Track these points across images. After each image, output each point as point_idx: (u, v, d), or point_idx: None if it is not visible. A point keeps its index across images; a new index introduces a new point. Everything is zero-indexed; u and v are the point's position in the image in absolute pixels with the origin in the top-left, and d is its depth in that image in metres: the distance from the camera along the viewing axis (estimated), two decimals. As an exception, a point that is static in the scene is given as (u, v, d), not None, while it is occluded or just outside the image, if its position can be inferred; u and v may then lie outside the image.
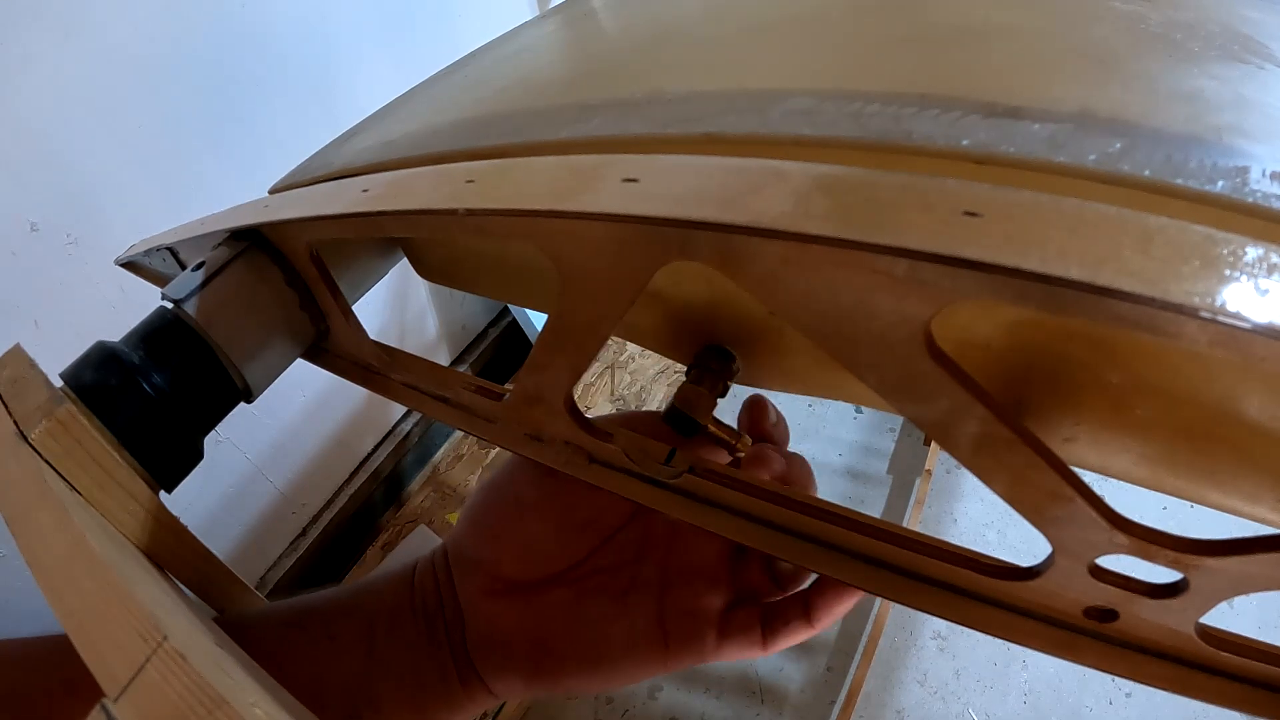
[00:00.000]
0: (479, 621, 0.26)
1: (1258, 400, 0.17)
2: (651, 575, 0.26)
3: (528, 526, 0.26)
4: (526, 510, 0.26)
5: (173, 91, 0.70)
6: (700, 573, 0.26)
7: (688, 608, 0.25)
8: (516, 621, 0.26)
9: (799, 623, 0.24)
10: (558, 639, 0.26)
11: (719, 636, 0.25)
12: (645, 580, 0.26)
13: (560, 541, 0.27)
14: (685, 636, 0.25)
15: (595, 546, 0.27)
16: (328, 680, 0.25)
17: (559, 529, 0.26)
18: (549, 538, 0.26)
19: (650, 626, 0.25)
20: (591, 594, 0.26)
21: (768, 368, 0.27)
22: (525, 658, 0.26)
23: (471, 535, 0.27)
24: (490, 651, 0.26)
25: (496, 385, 0.26)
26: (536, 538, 0.26)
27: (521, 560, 0.27)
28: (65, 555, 0.16)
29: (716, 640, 0.25)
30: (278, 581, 1.01)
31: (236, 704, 0.12)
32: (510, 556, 0.27)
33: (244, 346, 0.25)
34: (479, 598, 0.26)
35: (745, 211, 0.14)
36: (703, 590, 0.26)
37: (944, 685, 1.02)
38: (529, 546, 0.26)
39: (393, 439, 1.15)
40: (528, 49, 0.35)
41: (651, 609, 0.26)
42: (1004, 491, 0.16)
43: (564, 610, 0.26)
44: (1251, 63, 0.19)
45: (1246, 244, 0.11)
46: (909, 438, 1.29)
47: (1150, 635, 0.17)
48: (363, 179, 0.24)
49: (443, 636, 0.26)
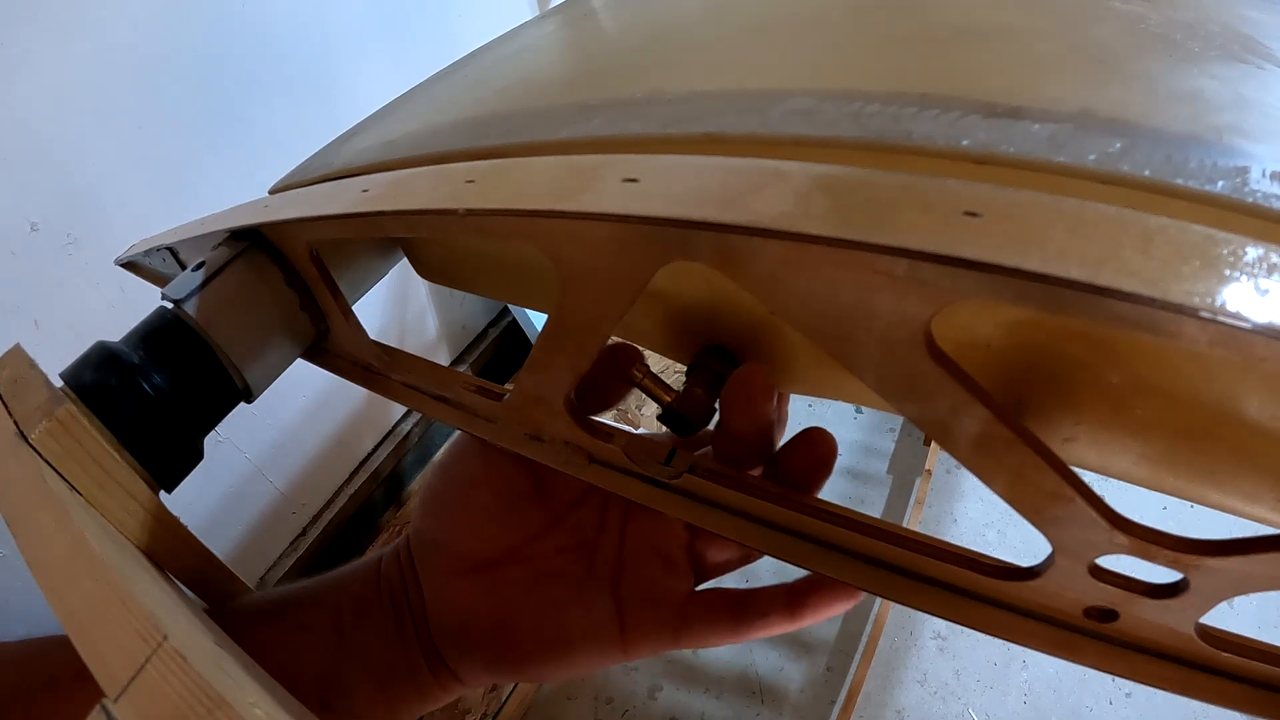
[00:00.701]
0: (441, 604, 0.26)
1: (1258, 400, 0.17)
2: (609, 557, 0.26)
3: (477, 499, 0.27)
4: (476, 485, 0.27)
5: (173, 92, 0.70)
6: (657, 553, 0.26)
7: (645, 594, 0.25)
8: (476, 601, 0.26)
9: (778, 615, 0.24)
10: (517, 620, 0.26)
11: (678, 624, 0.25)
12: (602, 563, 0.26)
13: (507, 511, 0.27)
14: (641, 622, 0.25)
15: (549, 522, 0.27)
16: (300, 670, 0.25)
17: (502, 498, 0.27)
18: (495, 508, 0.27)
19: (606, 614, 0.25)
20: (549, 576, 0.26)
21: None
22: (486, 640, 0.26)
23: (427, 517, 0.28)
24: (454, 636, 0.26)
25: (496, 385, 0.26)
26: (484, 508, 0.27)
27: (474, 534, 0.27)
28: (65, 555, 0.16)
29: (675, 629, 0.25)
30: (277, 581, 1.01)
31: (236, 704, 0.12)
32: (464, 533, 0.27)
33: (244, 347, 0.25)
34: (440, 579, 0.27)
35: (745, 211, 0.14)
36: (659, 572, 0.25)
37: (944, 685, 1.02)
38: (478, 519, 0.27)
39: (393, 439, 1.15)
40: (528, 49, 0.35)
41: (608, 595, 0.26)
42: (1004, 491, 0.16)
43: (522, 591, 0.26)
44: (1251, 63, 0.19)
45: (1246, 244, 0.11)
46: (909, 438, 1.29)
47: (1150, 635, 0.17)
48: (363, 179, 0.24)
49: (409, 623, 0.26)
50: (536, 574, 0.26)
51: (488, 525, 0.27)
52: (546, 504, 0.27)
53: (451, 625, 0.26)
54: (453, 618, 0.26)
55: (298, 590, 0.27)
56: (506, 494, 0.27)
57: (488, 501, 0.27)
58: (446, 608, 0.26)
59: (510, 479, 0.27)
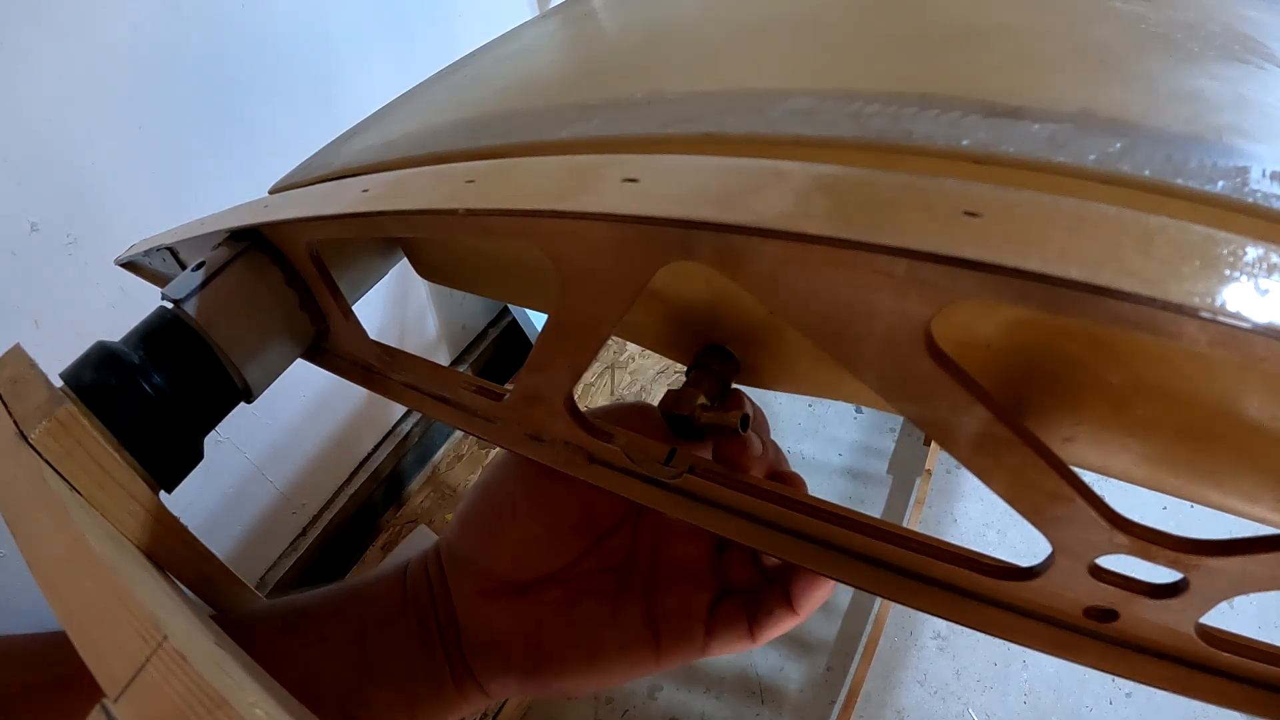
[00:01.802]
0: (474, 622, 0.26)
1: (1258, 400, 0.17)
2: (641, 576, 0.27)
3: (521, 527, 0.27)
4: (520, 512, 0.27)
5: (173, 92, 0.70)
6: (686, 572, 0.26)
7: (676, 608, 0.26)
8: (512, 623, 0.26)
9: (783, 611, 0.24)
10: (553, 640, 0.26)
11: (707, 633, 0.25)
12: (635, 582, 0.27)
13: (552, 543, 0.27)
14: (675, 635, 0.25)
15: (587, 548, 0.27)
16: (321, 683, 0.25)
17: (551, 530, 0.26)
18: (541, 539, 0.26)
19: (641, 627, 0.26)
20: (584, 595, 0.26)
21: (768, 368, 0.27)
22: (521, 659, 0.26)
23: (465, 536, 0.27)
24: (486, 652, 0.26)
25: (496, 385, 0.26)
26: (529, 539, 0.26)
27: (515, 561, 0.27)
28: (65, 555, 0.16)
29: (705, 637, 0.25)
30: (278, 581, 1.01)
31: (236, 704, 0.12)
32: (504, 558, 0.27)
33: (244, 346, 0.25)
34: (473, 598, 0.26)
35: (745, 211, 0.14)
36: (689, 589, 0.26)
37: (944, 685, 1.02)
38: (522, 548, 0.27)
39: (393, 439, 1.15)
40: (528, 49, 0.35)
41: (641, 610, 0.26)
42: (1004, 491, 0.16)
43: (558, 611, 0.26)
44: (1251, 63, 0.19)
45: (1246, 244, 0.11)
46: (909, 438, 1.29)
47: (1150, 635, 0.17)
48: (363, 179, 0.24)
49: (435, 636, 0.26)
50: (573, 594, 0.26)
51: (531, 554, 0.27)
52: (588, 531, 0.27)
53: (484, 642, 0.26)
54: (485, 635, 0.26)
55: (314, 600, 0.27)
56: (556, 527, 0.27)
57: (537, 533, 0.26)
58: (479, 625, 0.26)
59: (562, 512, 0.26)
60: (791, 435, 1.31)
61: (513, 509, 0.27)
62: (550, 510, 0.26)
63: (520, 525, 0.27)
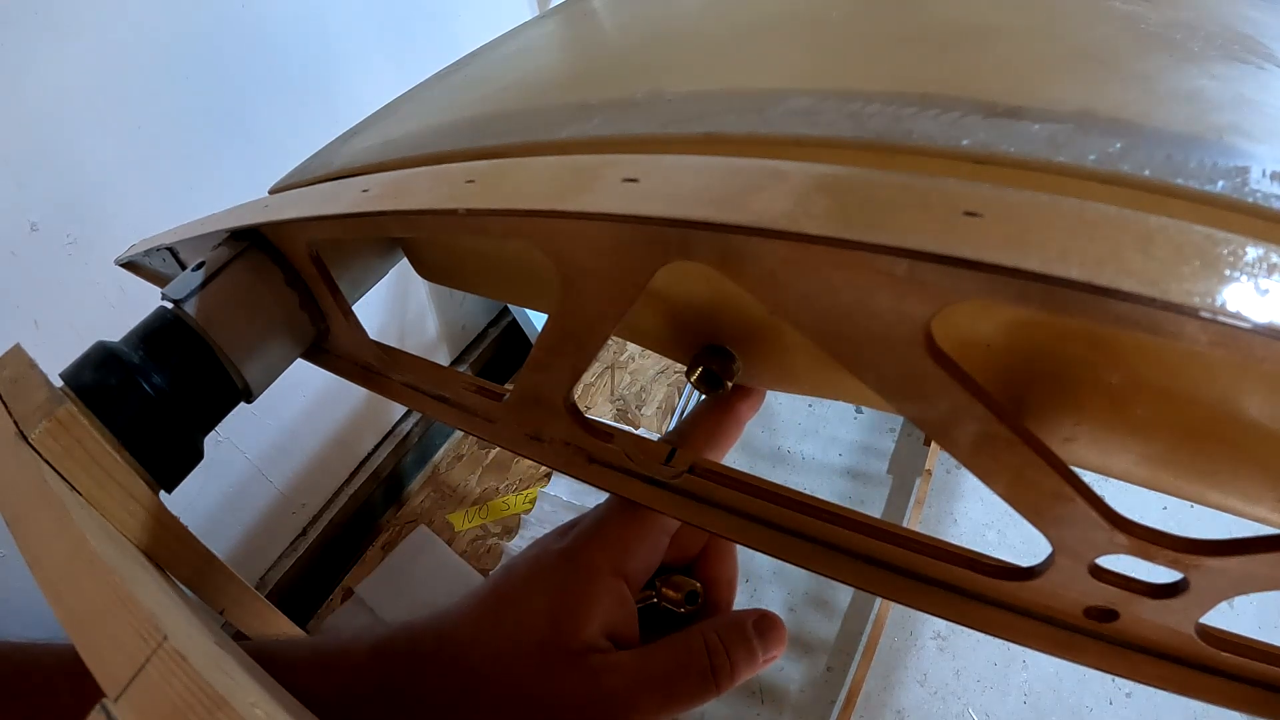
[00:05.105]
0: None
1: (1258, 400, 0.17)
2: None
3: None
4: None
5: (173, 92, 0.70)
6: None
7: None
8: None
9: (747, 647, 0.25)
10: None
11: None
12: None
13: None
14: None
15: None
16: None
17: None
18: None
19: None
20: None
21: (768, 368, 0.26)
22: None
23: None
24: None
25: (496, 385, 0.26)
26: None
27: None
28: (66, 556, 0.16)
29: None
30: (278, 581, 1.01)
31: (236, 704, 0.12)
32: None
33: (244, 346, 0.25)
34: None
35: (745, 211, 0.14)
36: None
37: (944, 685, 1.02)
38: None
39: (393, 439, 1.15)
40: (528, 49, 0.35)
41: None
42: (1004, 491, 0.16)
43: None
44: (1251, 63, 0.19)
45: (1246, 244, 0.11)
46: (909, 438, 1.28)
47: (1150, 635, 0.17)
48: (363, 179, 0.24)
49: None
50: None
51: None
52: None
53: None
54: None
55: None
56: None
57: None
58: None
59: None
60: (791, 435, 1.31)
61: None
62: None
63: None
